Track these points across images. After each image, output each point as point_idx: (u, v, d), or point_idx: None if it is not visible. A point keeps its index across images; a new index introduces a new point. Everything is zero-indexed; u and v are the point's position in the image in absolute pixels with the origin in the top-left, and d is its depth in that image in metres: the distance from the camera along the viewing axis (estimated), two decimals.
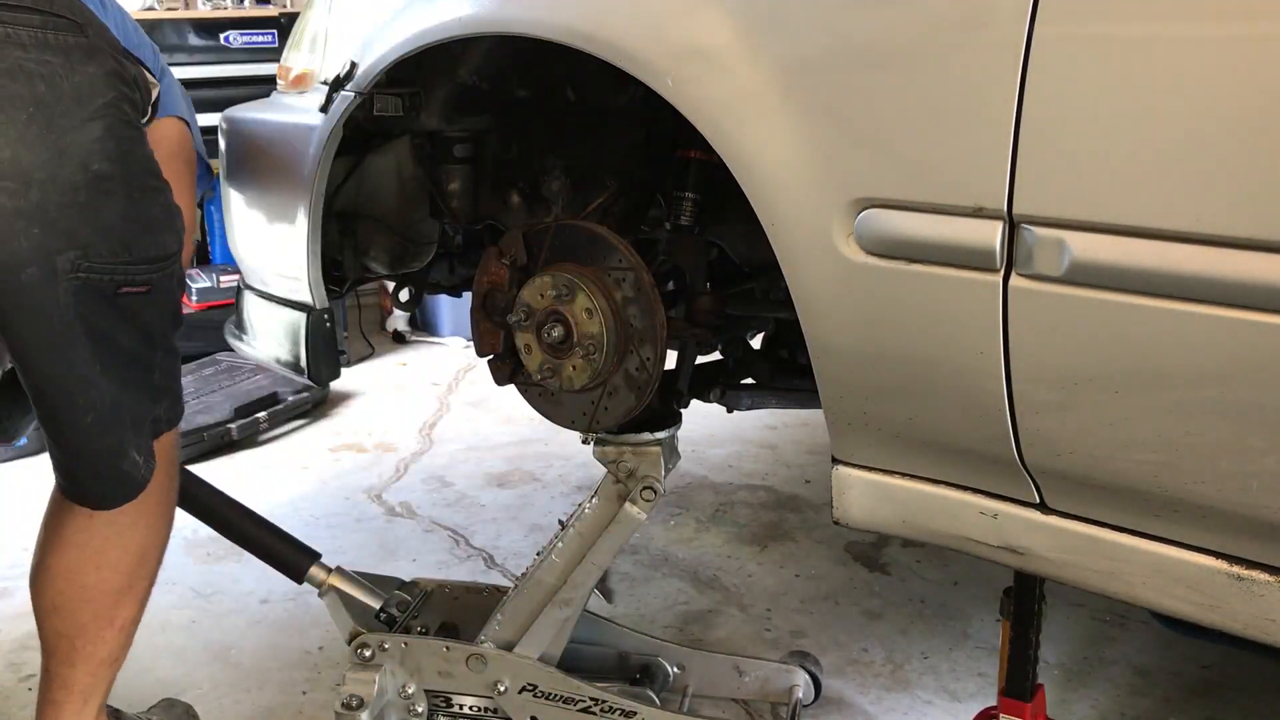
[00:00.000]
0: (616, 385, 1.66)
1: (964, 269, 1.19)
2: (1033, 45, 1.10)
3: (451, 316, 4.45)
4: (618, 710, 1.75)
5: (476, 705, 1.82)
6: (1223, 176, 1.03)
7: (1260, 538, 1.15)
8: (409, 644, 1.82)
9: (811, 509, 2.83)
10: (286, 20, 4.10)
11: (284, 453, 3.28)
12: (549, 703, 1.77)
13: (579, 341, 1.63)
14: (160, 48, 1.81)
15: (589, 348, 1.63)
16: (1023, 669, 1.55)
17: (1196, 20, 1.04)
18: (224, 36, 4.07)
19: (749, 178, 1.33)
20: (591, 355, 1.63)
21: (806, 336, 1.37)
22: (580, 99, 1.87)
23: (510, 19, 1.55)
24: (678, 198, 1.74)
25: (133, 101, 1.39)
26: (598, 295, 1.62)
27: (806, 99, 1.27)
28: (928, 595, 2.38)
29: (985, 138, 1.14)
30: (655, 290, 1.62)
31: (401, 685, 1.83)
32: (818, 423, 2.28)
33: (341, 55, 1.80)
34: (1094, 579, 1.28)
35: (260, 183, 2.05)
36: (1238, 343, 1.05)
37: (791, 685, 1.90)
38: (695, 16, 1.36)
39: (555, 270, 1.64)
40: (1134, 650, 2.15)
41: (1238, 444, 1.11)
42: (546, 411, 1.77)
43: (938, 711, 1.99)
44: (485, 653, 1.79)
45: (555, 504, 2.89)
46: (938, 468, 1.37)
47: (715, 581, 2.47)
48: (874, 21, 1.23)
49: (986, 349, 1.20)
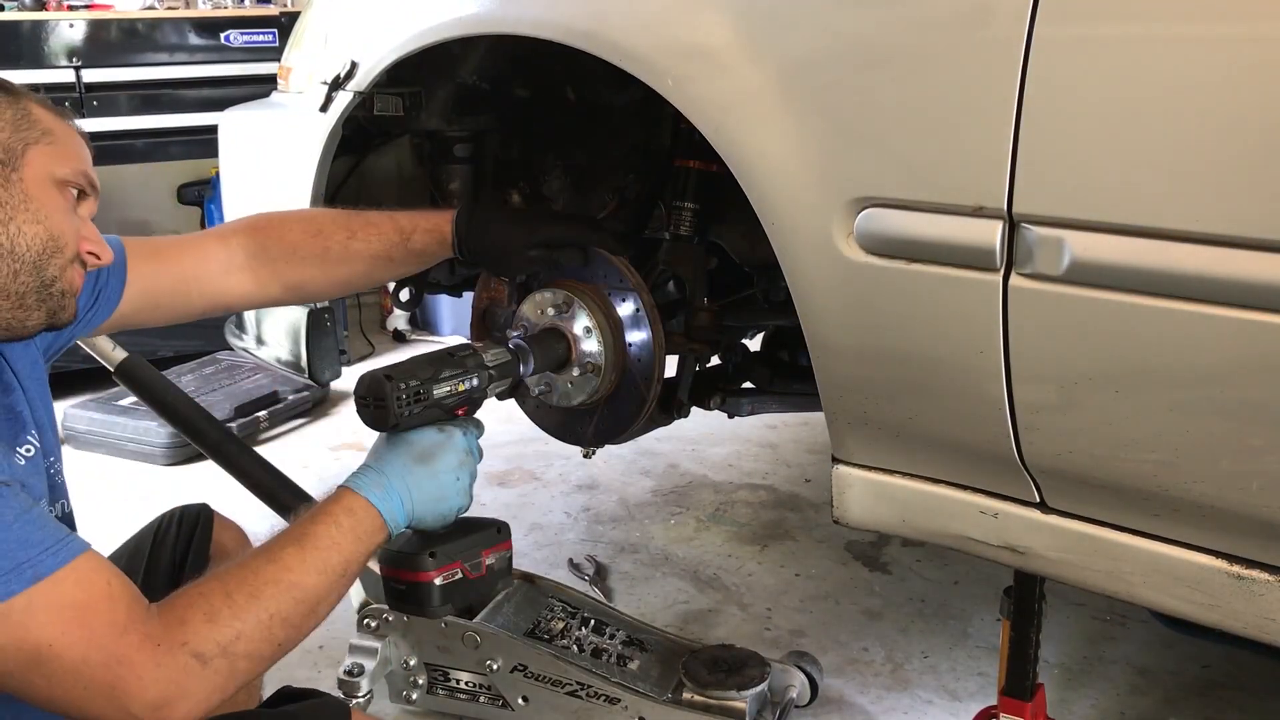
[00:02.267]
0: (614, 401, 1.66)
1: (964, 268, 1.19)
2: (1033, 45, 1.10)
3: (451, 316, 4.45)
4: (603, 695, 1.78)
5: (472, 681, 1.86)
6: (1223, 176, 1.03)
7: (1260, 537, 1.15)
8: (410, 618, 1.84)
9: (811, 508, 2.83)
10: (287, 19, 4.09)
11: (284, 452, 3.27)
12: (538, 683, 1.81)
13: (577, 359, 1.63)
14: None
15: (587, 365, 1.63)
16: (1023, 668, 1.55)
17: (1196, 20, 1.04)
18: (224, 36, 4.06)
19: (749, 177, 1.33)
20: (589, 373, 1.63)
21: (807, 336, 1.37)
22: (580, 99, 1.87)
23: (510, 18, 1.55)
24: (677, 208, 1.74)
25: None
26: (597, 313, 1.62)
27: (807, 98, 1.27)
28: (928, 594, 2.38)
29: (985, 137, 1.14)
30: (655, 310, 1.62)
31: (404, 658, 1.87)
32: (818, 422, 2.28)
33: (342, 55, 1.80)
34: (1094, 578, 1.28)
35: (260, 182, 2.05)
36: (1238, 342, 1.05)
37: (787, 685, 1.90)
38: (695, 16, 1.36)
39: (555, 286, 1.65)
40: (1134, 650, 2.15)
41: (1238, 444, 1.11)
42: (544, 425, 1.78)
43: (938, 711, 1.99)
44: (479, 631, 1.81)
45: (555, 503, 2.89)
46: (938, 467, 1.37)
47: (715, 581, 2.47)
48: (874, 21, 1.23)
49: (986, 348, 1.20)
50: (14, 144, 1.16)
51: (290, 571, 1.17)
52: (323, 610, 1.21)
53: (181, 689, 1.06)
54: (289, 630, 1.16)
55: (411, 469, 1.31)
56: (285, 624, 1.15)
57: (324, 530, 1.22)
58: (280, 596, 1.15)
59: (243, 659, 1.11)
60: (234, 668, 1.10)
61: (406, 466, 1.31)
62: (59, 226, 1.18)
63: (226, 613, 1.11)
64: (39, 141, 1.18)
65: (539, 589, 2.01)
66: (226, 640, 1.10)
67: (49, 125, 1.20)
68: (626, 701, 1.77)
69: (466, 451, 1.37)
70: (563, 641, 1.88)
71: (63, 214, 1.19)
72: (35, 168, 1.17)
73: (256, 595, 1.13)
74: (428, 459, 1.33)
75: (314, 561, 1.19)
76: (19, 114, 1.18)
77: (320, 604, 1.19)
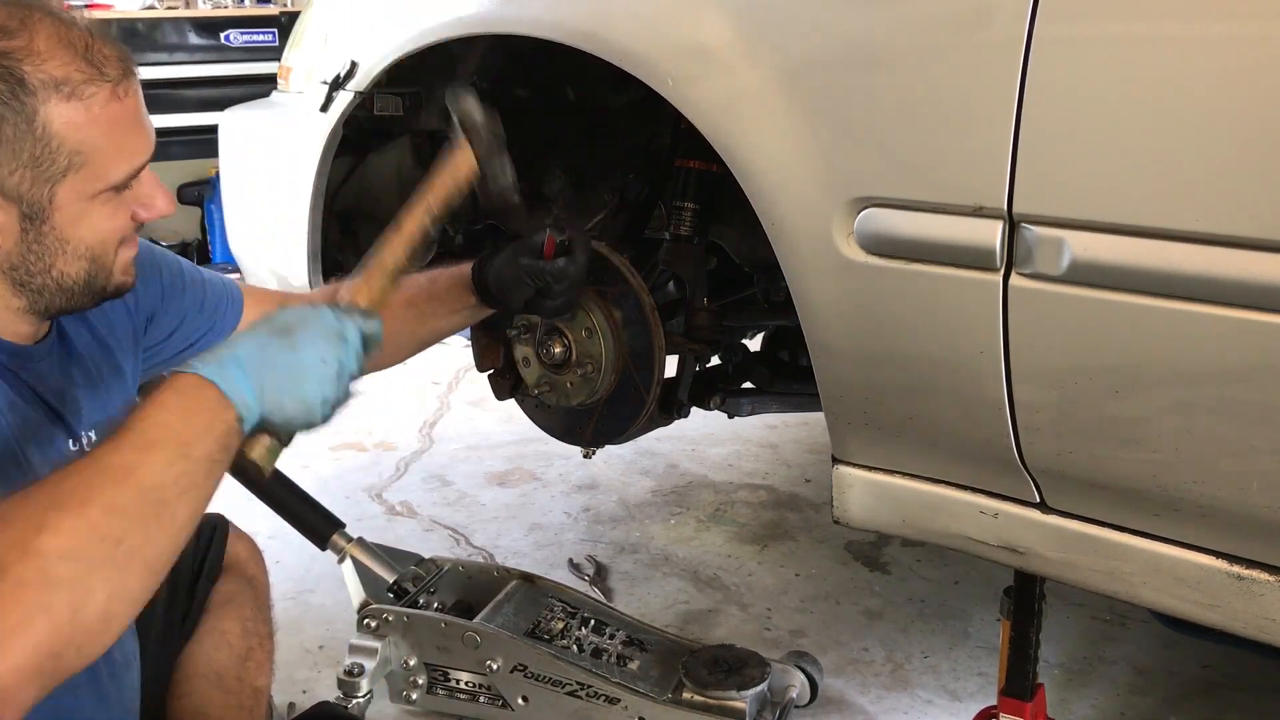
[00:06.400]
0: (614, 402, 1.67)
1: (964, 268, 1.19)
2: (1033, 45, 1.10)
3: None
4: (603, 695, 1.78)
5: (472, 681, 1.86)
6: (1223, 176, 1.03)
7: (1260, 537, 1.15)
8: (410, 618, 1.85)
9: (812, 508, 2.83)
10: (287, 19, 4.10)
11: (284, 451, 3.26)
12: (538, 684, 1.81)
13: (578, 360, 1.64)
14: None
15: (588, 366, 1.63)
16: (1023, 668, 1.55)
17: (1196, 20, 1.04)
18: (224, 35, 4.07)
19: (749, 177, 1.33)
20: (590, 374, 1.64)
21: (807, 336, 1.37)
22: (580, 99, 1.87)
23: (510, 18, 1.55)
24: (677, 208, 1.75)
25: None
26: (598, 315, 1.62)
27: (807, 98, 1.27)
28: (928, 594, 2.38)
29: (985, 137, 1.14)
30: (656, 313, 1.62)
31: (404, 658, 1.87)
32: (818, 422, 2.28)
33: (342, 55, 1.80)
34: (1094, 579, 1.28)
35: (260, 182, 2.05)
36: (1238, 342, 1.05)
37: (787, 685, 1.90)
38: (696, 16, 1.36)
39: None
40: (1134, 650, 2.15)
41: (1238, 444, 1.11)
42: (543, 424, 1.78)
43: (938, 711, 1.99)
44: (479, 631, 1.81)
45: (556, 503, 2.89)
46: (938, 467, 1.37)
47: (715, 581, 2.47)
48: (874, 21, 1.23)
49: (987, 348, 1.20)
50: (37, 194, 1.06)
51: (100, 459, 0.95)
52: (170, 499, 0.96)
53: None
54: (123, 523, 0.92)
55: (267, 343, 1.07)
56: (112, 512, 0.91)
57: (144, 413, 0.99)
58: (94, 483, 0.93)
59: (62, 560, 0.87)
60: (49, 571, 0.87)
61: (260, 340, 1.07)
62: (102, 243, 1.13)
63: (22, 510, 0.90)
64: (67, 173, 1.06)
65: (539, 589, 2.01)
66: (25, 536, 0.87)
67: (77, 132, 1.05)
68: (626, 701, 1.77)
69: (338, 334, 1.11)
70: (563, 641, 1.88)
71: (105, 221, 1.12)
72: (68, 203, 1.08)
73: (58, 486, 0.93)
74: (286, 332, 1.09)
75: (130, 443, 0.96)
76: (40, 144, 1.04)
77: (161, 489, 0.95)
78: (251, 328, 1.09)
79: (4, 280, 1.12)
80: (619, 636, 1.92)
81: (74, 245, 1.11)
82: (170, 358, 1.43)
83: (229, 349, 1.05)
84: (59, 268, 1.11)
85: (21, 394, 1.16)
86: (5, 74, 1.02)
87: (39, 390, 1.19)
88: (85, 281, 1.14)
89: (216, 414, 1.01)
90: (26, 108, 1.03)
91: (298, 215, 1.91)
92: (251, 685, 1.54)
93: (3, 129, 1.03)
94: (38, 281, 1.12)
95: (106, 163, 1.09)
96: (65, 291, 1.14)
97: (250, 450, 1.09)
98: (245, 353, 1.05)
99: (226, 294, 1.47)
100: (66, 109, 1.05)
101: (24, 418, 1.15)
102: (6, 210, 1.07)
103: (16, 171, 1.05)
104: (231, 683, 1.52)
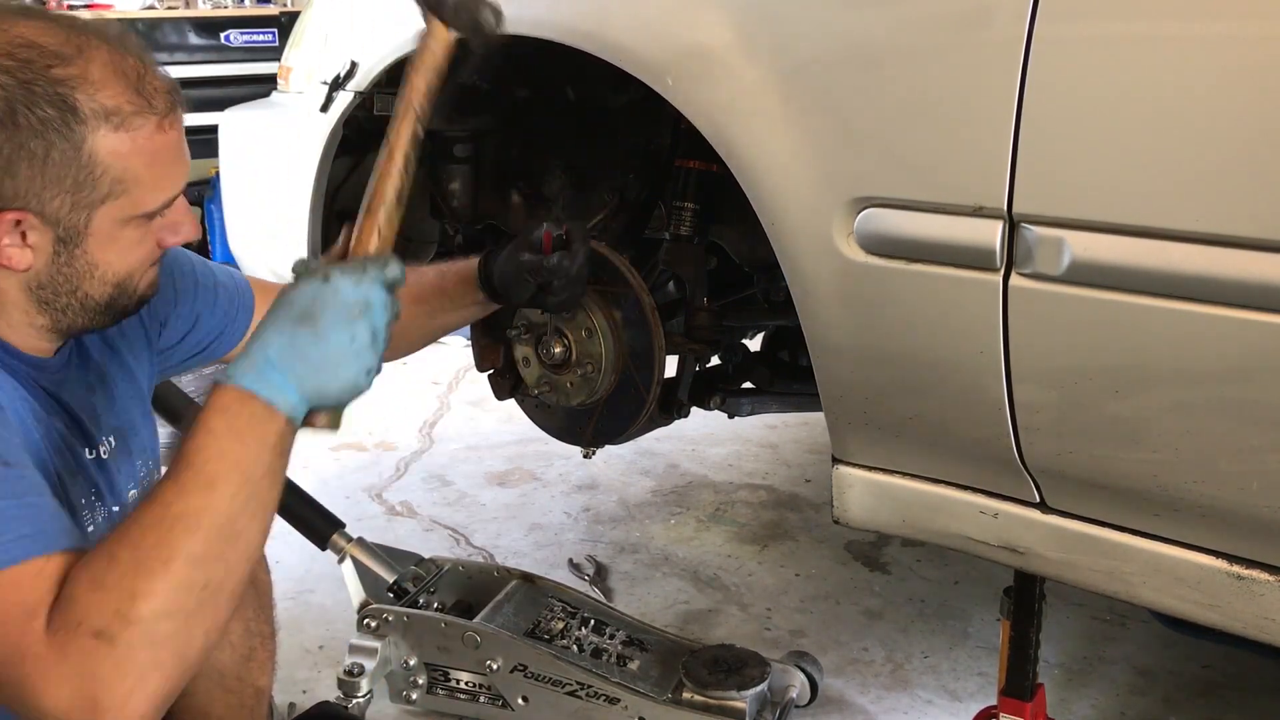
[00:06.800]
0: (614, 402, 1.67)
1: (964, 268, 1.19)
2: (1033, 45, 1.10)
3: None
4: (603, 695, 1.78)
5: (472, 681, 1.86)
6: (1223, 176, 1.03)
7: (1260, 537, 1.15)
8: (410, 618, 1.85)
9: (812, 508, 2.83)
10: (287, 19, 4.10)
11: None
12: (538, 683, 1.81)
13: (578, 360, 1.64)
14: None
15: (588, 366, 1.63)
16: (1023, 668, 1.55)
17: (1196, 20, 1.04)
18: (224, 35, 4.07)
19: (749, 177, 1.33)
20: (590, 374, 1.64)
21: (807, 336, 1.37)
22: (580, 99, 1.87)
23: (510, 18, 1.54)
24: (677, 208, 1.74)
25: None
26: (598, 315, 1.62)
27: (807, 98, 1.27)
28: (928, 594, 2.38)
29: (985, 137, 1.14)
30: (656, 313, 1.62)
31: (404, 658, 1.87)
32: (818, 422, 2.28)
33: (342, 55, 1.80)
34: (1094, 578, 1.28)
35: (260, 182, 2.05)
36: (1237, 342, 1.05)
37: (787, 685, 1.90)
38: (696, 16, 1.36)
39: None
40: (1134, 650, 2.15)
41: (1238, 444, 1.11)
42: (543, 424, 1.78)
43: (938, 710, 1.99)
44: (479, 631, 1.81)
45: (556, 503, 2.89)
46: (938, 467, 1.37)
47: (715, 581, 2.47)
48: (874, 21, 1.23)
49: (987, 348, 1.20)
50: (75, 219, 1.07)
51: (171, 506, 0.97)
52: (242, 527, 1.00)
53: (95, 677, 0.91)
54: (206, 568, 0.97)
55: (294, 336, 1.05)
56: (194, 562, 0.96)
57: (198, 444, 1.00)
58: (171, 536, 0.96)
59: (161, 620, 0.94)
60: (153, 633, 0.93)
61: (286, 334, 1.05)
62: (129, 268, 1.14)
63: (113, 575, 0.93)
64: (106, 200, 1.07)
65: (539, 589, 2.01)
66: (123, 605, 0.92)
67: (121, 161, 1.06)
68: (626, 701, 1.77)
69: (360, 305, 1.08)
70: (563, 641, 1.88)
71: (134, 246, 1.13)
72: (102, 228, 1.09)
73: (138, 545, 0.95)
74: (309, 319, 1.06)
75: (193, 483, 0.98)
76: (84, 171, 1.04)
77: (233, 522, 0.99)
78: (273, 318, 1.07)
79: (30, 298, 1.13)
80: (619, 636, 1.92)
81: (102, 270, 1.12)
82: (184, 360, 1.45)
83: (260, 349, 1.05)
84: (85, 289, 1.13)
85: (45, 405, 1.17)
86: (59, 101, 1.02)
87: (60, 400, 1.20)
88: (108, 303, 1.16)
89: (266, 426, 1.03)
90: (75, 135, 1.04)
91: (298, 215, 1.91)
92: (253, 685, 1.55)
93: (50, 154, 1.03)
94: (63, 301, 1.13)
95: (144, 193, 1.10)
96: (88, 312, 1.15)
97: (314, 425, 1.10)
98: (277, 352, 1.04)
99: (238, 293, 1.48)
100: (114, 139, 1.05)
101: (48, 428, 1.16)
102: (42, 232, 1.07)
103: (58, 196, 1.05)
104: (233, 682, 1.52)
